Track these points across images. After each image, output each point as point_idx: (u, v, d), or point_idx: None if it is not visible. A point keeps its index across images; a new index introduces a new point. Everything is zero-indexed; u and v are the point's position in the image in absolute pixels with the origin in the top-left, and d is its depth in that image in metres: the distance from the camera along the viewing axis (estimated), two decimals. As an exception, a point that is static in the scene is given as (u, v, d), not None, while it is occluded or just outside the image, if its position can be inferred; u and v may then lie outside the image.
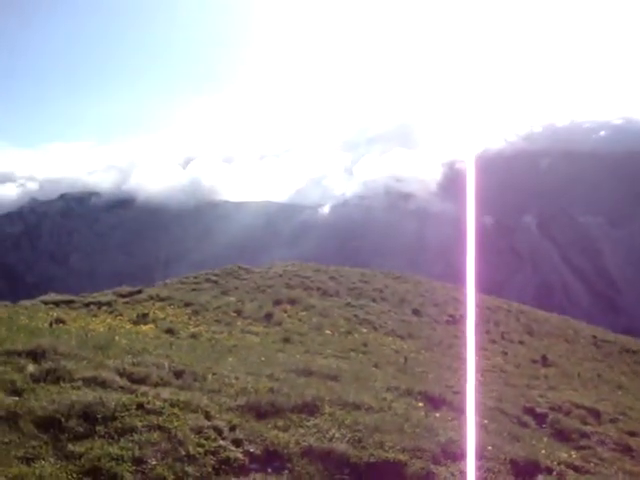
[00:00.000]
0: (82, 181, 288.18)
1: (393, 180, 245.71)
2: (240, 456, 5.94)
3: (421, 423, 7.68)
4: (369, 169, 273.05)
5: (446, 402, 9.86)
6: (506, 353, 20.69)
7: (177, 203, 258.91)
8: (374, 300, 28.85)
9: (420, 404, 9.24)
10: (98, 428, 5.97)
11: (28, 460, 5.24)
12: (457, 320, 27.27)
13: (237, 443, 6.22)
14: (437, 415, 8.71)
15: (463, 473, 6.37)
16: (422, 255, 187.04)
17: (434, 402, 9.74)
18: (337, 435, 6.66)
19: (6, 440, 5.51)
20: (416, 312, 27.51)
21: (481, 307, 32.15)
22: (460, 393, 11.39)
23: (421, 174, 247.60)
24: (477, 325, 26.49)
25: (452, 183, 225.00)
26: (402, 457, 6.35)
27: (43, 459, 5.27)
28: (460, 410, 9.61)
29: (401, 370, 13.94)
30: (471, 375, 11.84)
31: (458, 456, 6.78)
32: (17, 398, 6.47)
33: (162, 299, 22.53)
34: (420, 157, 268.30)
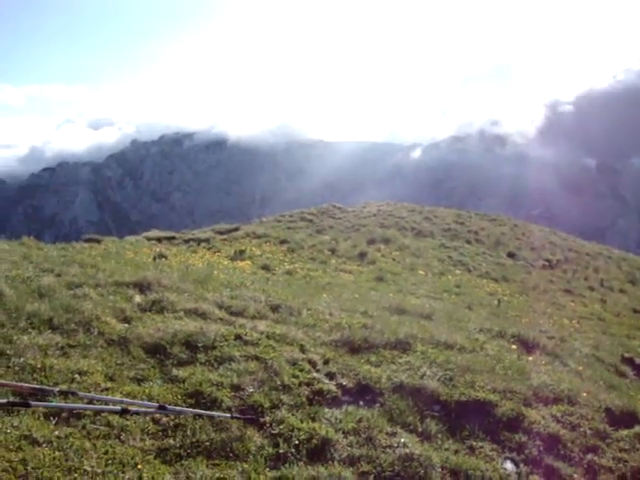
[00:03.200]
0: (176, 124, 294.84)
1: (489, 123, 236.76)
2: (333, 388, 6.11)
3: (513, 365, 7.58)
4: (464, 110, 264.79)
5: (539, 346, 9.66)
6: (605, 301, 19.96)
7: (268, 144, 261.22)
8: (469, 242, 28.42)
9: (513, 347, 9.10)
10: (199, 356, 6.29)
11: (138, 380, 5.64)
12: (553, 265, 26.49)
13: (330, 376, 6.40)
14: (530, 359, 8.57)
15: (554, 417, 6.30)
16: (520, 198, 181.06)
17: (527, 346, 9.56)
18: (428, 373, 6.70)
19: (119, 362, 5.95)
20: (511, 255, 26.92)
21: (580, 253, 31.03)
22: (554, 338, 11.16)
23: (519, 116, 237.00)
24: (574, 271, 25.67)
25: (553, 126, 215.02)
26: (492, 397, 6.33)
27: (151, 380, 5.65)
28: (554, 355, 9.44)
29: (494, 313, 13.76)
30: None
31: (550, 400, 6.68)
32: (127, 325, 6.92)
33: (258, 236, 23.09)
34: (519, 97, 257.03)
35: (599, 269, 27.02)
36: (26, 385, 4.94)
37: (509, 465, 5.37)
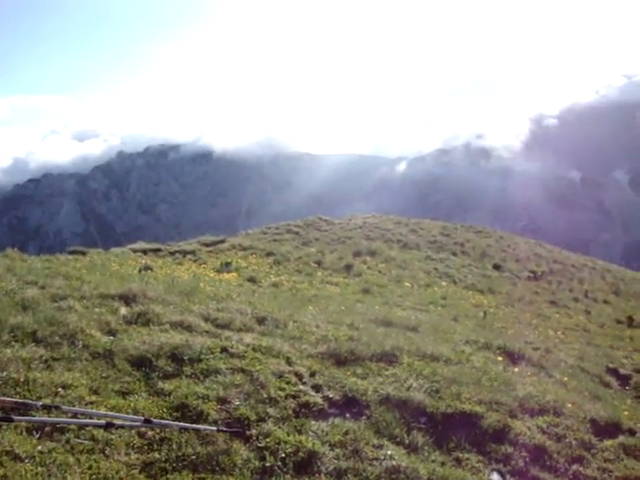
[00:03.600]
0: (161, 136, 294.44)
1: (474, 136, 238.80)
2: (320, 401, 6.10)
3: (499, 377, 7.62)
4: (449, 123, 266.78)
5: (525, 358, 9.71)
6: (589, 312, 20.07)
7: (255, 156, 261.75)
8: (454, 254, 28.55)
9: (499, 358, 9.15)
10: (185, 368, 6.25)
11: (124, 394, 5.59)
12: (539, 276, 26.64)
13: (317, 388, 6.39)
14: (515, 370, 8.61)
15: (540, 428, 6.32)
16: (505, 211, 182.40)
17: (513, 357, 9.61)
18: (415, 385, 6.71)
19: (104, 375, 5.89)
20: (497, 267, 27.05)
21: (565, 264, 31.25)
22: (540, 349, 11.22)
23: (505, 130, 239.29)
24: (559, 282, 25.83)
25: (537, 139, 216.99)
26: (479, 409, 6.34)
27: (136, 394, 5.60)
28: (539, 366, 9.48)
29: (480, 324, 13.81)
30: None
31: (536, 411, 6.71)
32: (112, 337, 6.87)
33: (244, 248, 23.06)
34: (504, 111, 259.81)
35: (584, 280, 27.21)
36: (9, 399, 4.88)
37: (495, 477, 5.38)
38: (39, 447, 4.35)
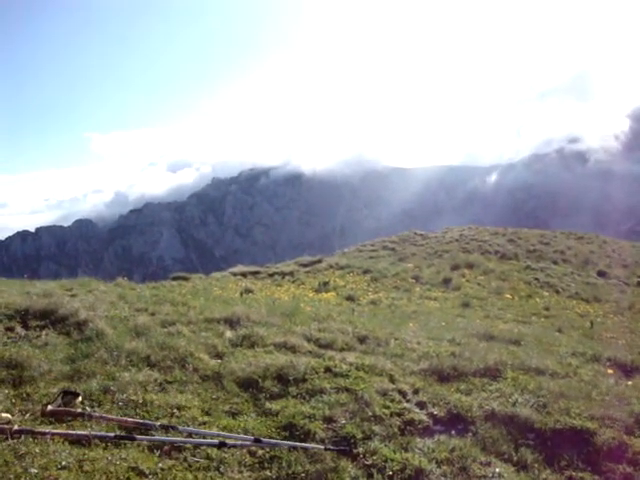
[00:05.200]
0: (250, 161, 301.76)
1: (567, 141, 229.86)
2: (424, 418, 6.08)
3: (611, 391, 7.29)
4: (541, 127, 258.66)
5: (639, 370, 9.25)
6: None
7: (344, 175, 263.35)
8: (555, 262, 27.63)
9: (609, 371, 8.74)
10: (291, 389, 6.42)
11: (233, 414, 5.81)
12: (650, 282, 25.32)
13: (421, 405, 6.37)
14: (629, 383, 8.21)
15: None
16: (607, 215, 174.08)
17: (625, 369, 9.13)
18: (520, 400, 6.56)
19: (214, 396, 6.16)
20: (602, 274, 25.95)
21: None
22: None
23: (601, 130, 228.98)
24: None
25: (638, 136, 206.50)
26: (590, 425, 6.09)
27: (245, 414, 5.81)
28: (656, 378, 9.00)
29: (587, 335, 13.28)
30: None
31: (655, 427, 6.38)
32: (220, 360, 7.16)
33: (341, 267, 23.26)
34: (600, 110, 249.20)
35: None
36: (130, 420, 5.22)
37: (613, 496, 5.17)
38: (160, 464, 4.60)
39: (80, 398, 5.57)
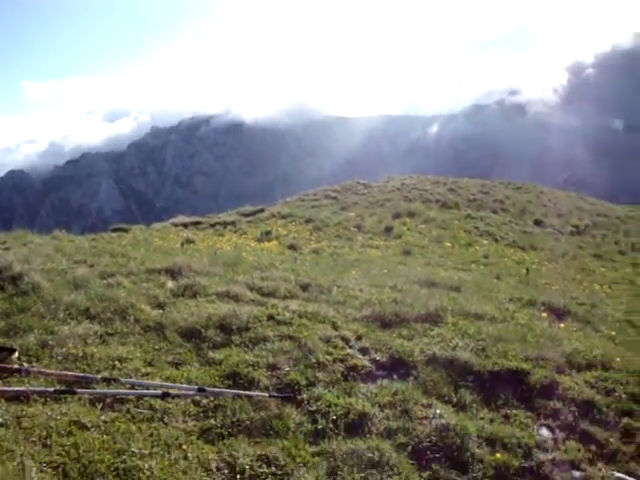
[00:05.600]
0: (190, 110, 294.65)
1: (507, 92, 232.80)
2: (367, 363, 6.19)
3: (545, 333, 7.56)
4: (481, 79, 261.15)
5: (570, 313, 9.60)
6: (637, 265, 19.67)
7: (286, 124, 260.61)
8: (494, 211, 28.24)
9: (544, 315, 9.05)
10: (234, 337, 6.41)
11: (176, 364, 5.78)
12: (582, 230, 26.20)
13: (364, 351, 6.47)
14: (561, 326, 8.54)
15: (588, 383, 6.30)
16: (545, 166, 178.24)
17: (558, 313, 9.49)
18: (460, 344, 6.73)
19: (156, 347, 6.10)
20: (538, 223, 26.69)
21: (609, 217, 30.63)
22: (585, 304, 11.09)
23: (540, 83, 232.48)
24: (604, 236, 25.35)
25: (576, 89, 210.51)
26: (525, 366, 6.33)
27: (189, 364, 5.79)
28: (585, 321, 9.38)
29: (523, 281, 13.70)
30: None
31: (583, 366, 6.66)
32: (161, 311, 7.08)
33: (284, 217, 23.20)
34: (538, 62, 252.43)
35: (630, 232, 26.64)
36: (70, 373, 5.12)
37: (545, 432, 5.41)
38: (102, 417, 4.54)
39: (16, 354, 5.41)
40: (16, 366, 5.15)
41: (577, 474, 4.84)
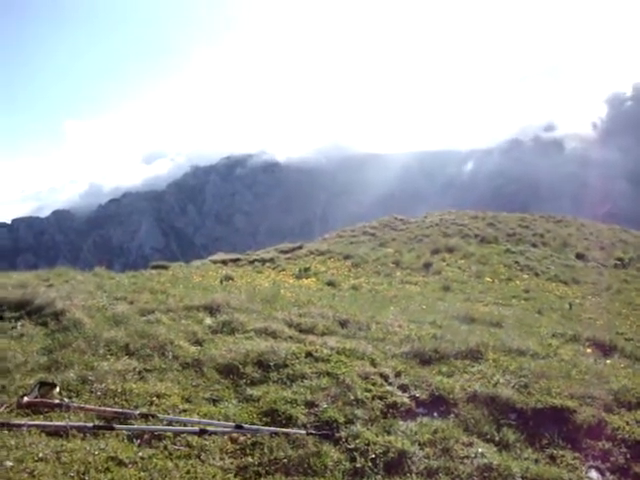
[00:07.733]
0: (226, 151, 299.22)
1: (543, 128, 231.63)
2: (407, 401, 6.07)
3: (590, 370, 7.34)
4: (517, 114, 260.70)
5: (617, 349, 9.32)
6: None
7: (319, 163, 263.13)
8: (535, 245, 27.85)
9: (588, 351, 8.82)
10: (272, 374, 6.37)
11: (214, 401, 5.75)
12: (626, 264, 25.59)
13: (403, 388, 6.36)
14: (608, 362, 8.29)
15: (639, 423, 6.06)
16: (585, 199, 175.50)
17: (604, 349, 9.22)
18: (502, 381, 6.58)
19: (194, 384, 6.09)
20: (580, 256, 26.19)
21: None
22: (633, 340, 10.76)
23: (577, 116, 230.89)
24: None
25: (614, 121, 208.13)
26: (570, 403, 6.13)
27: (226, 401, 5.76)
28: (633, 357, 9.08)
29: (566, 316, 13.41)
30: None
31: (633, 405, 6.42)
32: (199, 347, 7.09)
33: (322, 253, 23.26)
34: (575, 95, 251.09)
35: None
36: (109, 409, 5.14)
37: (594, 474, 5.20)
38: (140, 453, 4.54)
39: (57, 389, 5.48)
40: (57, 401, 5.21)
41: (629, 518, 4.63)
